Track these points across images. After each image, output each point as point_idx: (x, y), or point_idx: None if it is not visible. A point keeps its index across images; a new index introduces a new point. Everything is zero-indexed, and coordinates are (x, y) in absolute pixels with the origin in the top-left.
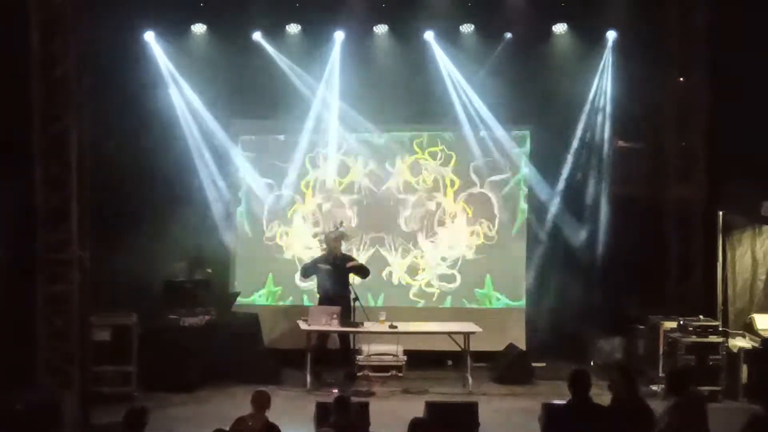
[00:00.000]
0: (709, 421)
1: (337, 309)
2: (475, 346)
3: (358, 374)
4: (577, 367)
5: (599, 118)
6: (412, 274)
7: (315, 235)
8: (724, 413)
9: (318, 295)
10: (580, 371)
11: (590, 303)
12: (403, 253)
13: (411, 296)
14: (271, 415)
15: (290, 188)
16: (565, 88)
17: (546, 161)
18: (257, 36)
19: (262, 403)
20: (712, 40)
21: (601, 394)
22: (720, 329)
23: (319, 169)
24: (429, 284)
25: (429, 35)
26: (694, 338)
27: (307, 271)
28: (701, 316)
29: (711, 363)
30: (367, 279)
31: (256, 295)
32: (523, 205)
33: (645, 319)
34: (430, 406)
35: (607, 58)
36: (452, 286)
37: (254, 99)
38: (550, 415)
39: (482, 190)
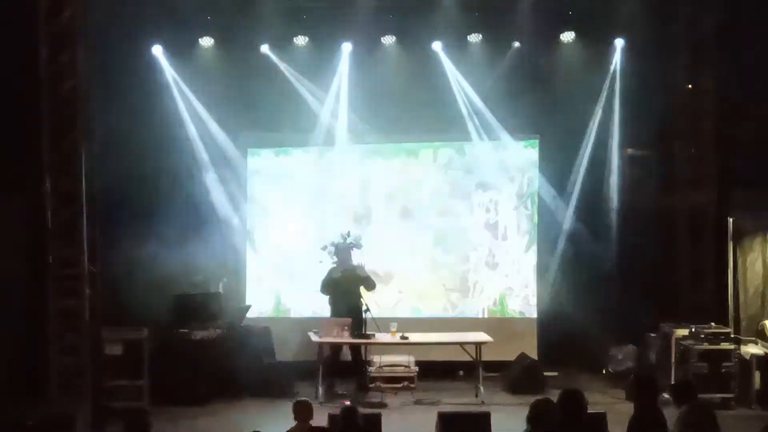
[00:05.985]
0: (722, 429)
1: (348, 321)
2: (486, 356)
3: (370, 386)
4: (568, 389)
5: (608, 125)
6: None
7: (324, 248)
8: (736, 420)
9: (329, 307)
10: (571, 392)
11: (602, 311)
12: (416, 266)
13: (422, 307)
14: (283, 428)
15: (299, 199)
16: (574, 96)
17: (555, 169)
18: (265, 48)
19: (305, 414)
20: (721, 46)
21: (615, 403)
22: (732, 336)
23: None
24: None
25: (437, 45)
26: (706, 345)
27: (328, 286)
28: (713, 323)
29: (723, 370)
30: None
31: (267, 307)
32: (534, 214)
33: (657, 327)
34: (443, 417)
35: (616, 66)
36: (463, 297)
37: (262, 112)
38: None
39: (492, 200)
